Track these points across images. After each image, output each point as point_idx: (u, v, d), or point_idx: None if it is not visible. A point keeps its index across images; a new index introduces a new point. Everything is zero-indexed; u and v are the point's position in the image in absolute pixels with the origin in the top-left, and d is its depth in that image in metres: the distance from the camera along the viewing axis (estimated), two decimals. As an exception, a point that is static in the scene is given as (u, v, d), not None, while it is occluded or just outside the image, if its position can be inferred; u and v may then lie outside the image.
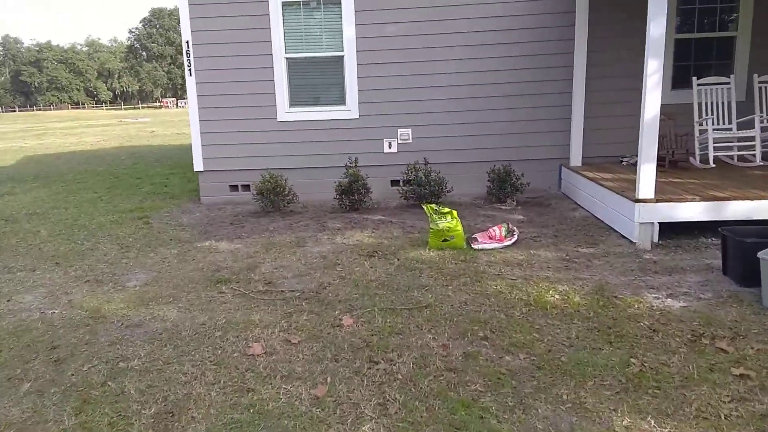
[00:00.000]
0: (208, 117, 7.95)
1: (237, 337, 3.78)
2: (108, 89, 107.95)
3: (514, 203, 7.26)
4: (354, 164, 7.35)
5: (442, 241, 5.45)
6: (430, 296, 4.34)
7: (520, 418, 2.82)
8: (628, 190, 5.68)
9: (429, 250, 5.45)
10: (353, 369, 3.32)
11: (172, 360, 3.51)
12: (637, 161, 7.34)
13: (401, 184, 7.90)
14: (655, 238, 5.31)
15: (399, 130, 7.87)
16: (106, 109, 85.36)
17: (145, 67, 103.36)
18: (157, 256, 5.70)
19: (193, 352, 3.59)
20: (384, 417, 2.86)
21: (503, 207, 7.20)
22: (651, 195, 5.27)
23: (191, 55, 7.79)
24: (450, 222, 5.42)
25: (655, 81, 5.16)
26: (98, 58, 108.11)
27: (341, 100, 7.93)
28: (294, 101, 7.98)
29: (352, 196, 7.20)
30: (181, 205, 8.24)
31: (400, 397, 3.01)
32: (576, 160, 7.51)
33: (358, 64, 7.76)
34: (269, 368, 3.36)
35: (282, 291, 4.59)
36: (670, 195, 5.39)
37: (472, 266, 4.98)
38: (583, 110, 7.45)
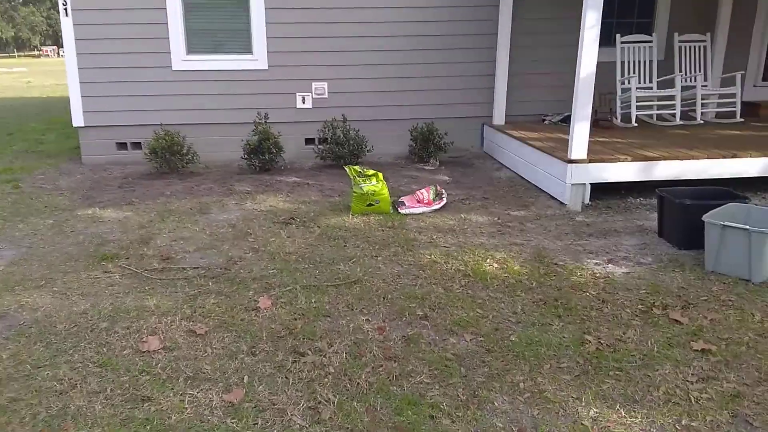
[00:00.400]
0: (88, 64, 6.83)
1: (128, 328, 3.10)
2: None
3: (437, 163, 6.87)
4: (264, 120, 6.61)
5: (367, 205, 4.94)
6: (358, 270, 3.84)
7: (475, 415, 2.42)
8: (557, 150, 5.43)
9: (352, 216, 4.94)
10: (275, 364, 2.78)
11: (44, 362, 2.80)
12: (559, 120, 7.19)
13: (317, 142, 7.27)
14: (587, 200, 5.11)
15: (314, 83, 7.18)
16: (-26, 58, 76.00)
17: (20, 12, 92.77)
18: (27, 227, 4.77)
19: (71, 351, 2.89)
20: (317, 424, 2.36)
21: (426, 167, 6.79)
22: (584, 156, 5.03)
23: (66, -10, 6.60)
24: (375, 185, 4.91)
25: (593, 36, 4.88)
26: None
27: (247, 49, 7.08)
28: (192, 48, 7.02)
29: (263, 156, 6.48)
30: (59, 165, 7.13)
31: (335, 397, 2.52)
32: (499, 118, 7.21)
33: (266, 8, 6.91)
34: (170, 368, 2.74)
35: (183, 268, 3.90)
36: (602, 156, 5.18)
37: (401, 234, 4.52)
38: (508, 68, 7.10)
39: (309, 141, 7.35)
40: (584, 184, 5.07)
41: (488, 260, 4.00)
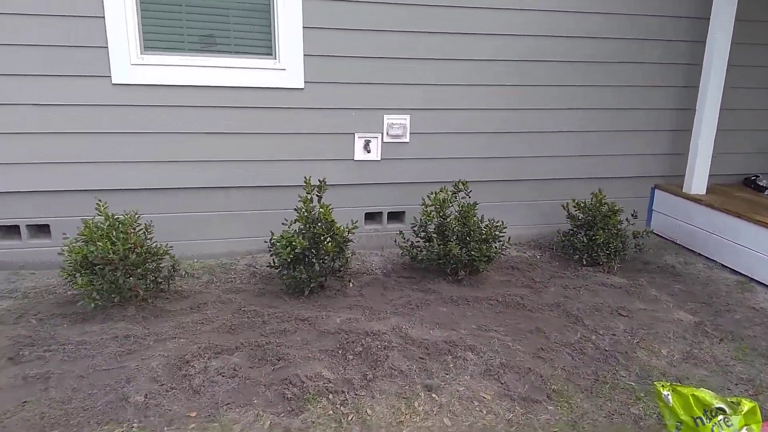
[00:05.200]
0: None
1: None
2: None
3: (615, 266, 3.86)
4: (318, 188, 3.32)
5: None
6: None
7: None
8: None
9: None
10: None
11: None
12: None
13: (385, 219, 4.08)
14: None
15: (386, 116, 3.93)
16: None
17: None
18: None
19: None
20: None
21: (604, 276, 3.75)
22: None
23: None
24: (750, 438, 1.85)
25: None
26: None
27: (265, 48, 3.72)
28: (152, 41, 3.57)
29: (311, 262, 3.19)
30: None
31: None
32: (699, 184, 4.26)
33: (297, -27, 3.62)
34: None
35: None
36: None
37: None
38: (720, 98, 4.17)
39: (371, 217, 4.12)
40: None
41: None
